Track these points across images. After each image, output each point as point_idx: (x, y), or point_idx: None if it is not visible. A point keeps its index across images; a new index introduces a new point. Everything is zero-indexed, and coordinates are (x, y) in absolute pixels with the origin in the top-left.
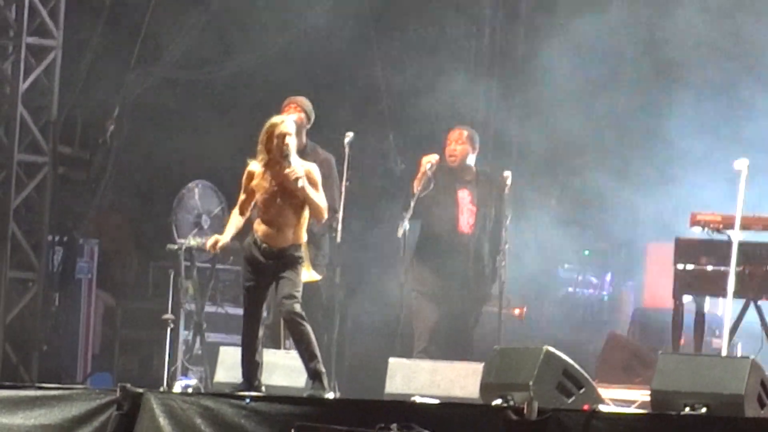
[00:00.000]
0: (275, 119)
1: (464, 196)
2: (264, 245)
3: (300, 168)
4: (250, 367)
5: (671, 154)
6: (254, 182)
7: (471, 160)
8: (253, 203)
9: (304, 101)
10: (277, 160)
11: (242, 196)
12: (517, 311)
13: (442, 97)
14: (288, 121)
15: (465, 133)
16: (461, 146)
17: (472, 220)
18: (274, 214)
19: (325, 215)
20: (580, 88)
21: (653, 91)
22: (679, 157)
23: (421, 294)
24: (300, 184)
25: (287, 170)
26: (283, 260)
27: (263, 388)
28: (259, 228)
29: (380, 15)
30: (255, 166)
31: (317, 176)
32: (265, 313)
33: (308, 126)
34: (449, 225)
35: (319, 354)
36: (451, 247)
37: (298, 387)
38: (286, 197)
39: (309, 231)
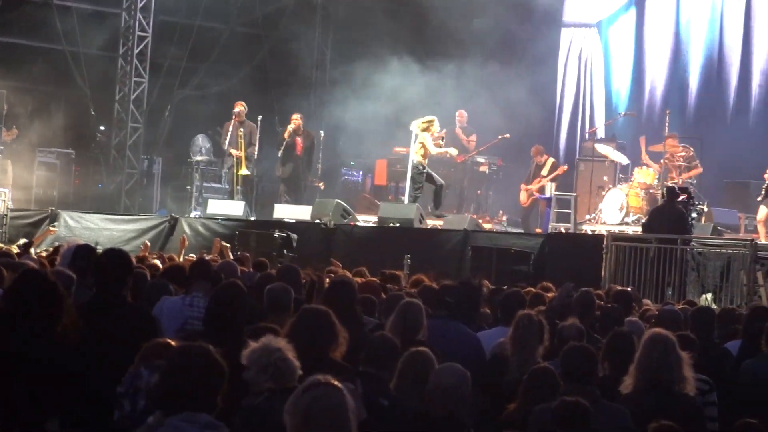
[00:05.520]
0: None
1: (300, 140)
2: None
3: None
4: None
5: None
6: None
7: (301, 126)
8: None
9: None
10: None
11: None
12: (321, 184)
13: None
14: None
15: (300, 115)
16: (298, 122)
17: (300, 149)
18: None
19: None
20: None
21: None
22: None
23: (283, 180)
24: None
25: None
26: None
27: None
28: None
29: None
30: None
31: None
32: None
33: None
34: (295, 151)
35: None
36: (294, 159)
37: (238, 215)
38: None
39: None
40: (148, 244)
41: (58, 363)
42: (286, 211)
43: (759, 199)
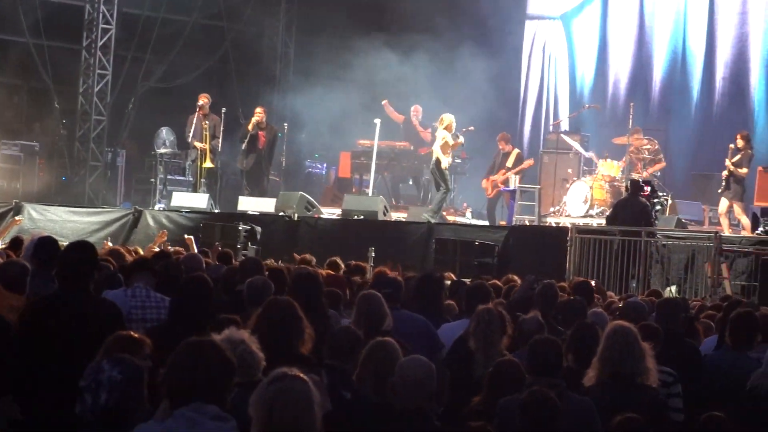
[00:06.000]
0: None
1: (263, 134)
2: None
3: None
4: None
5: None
6: None
7: (264, 120)
8: None
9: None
10: None
11: None
12: (279, 178)
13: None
14: None
15: (264, 109)
16: (261, 116)
17: (263, 142)
18: None
19: None
20: None
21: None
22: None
23: (243, 170)
24: None
25: None
26: None
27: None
28: None
29: None
30: None
31: None
32: None
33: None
34: (257, 143)
35: None
36: (257, 152)
37: (202, 207)
38: None
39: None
40: (110, 244)
41: None
42: (250, 204)
43: (720, 191)
